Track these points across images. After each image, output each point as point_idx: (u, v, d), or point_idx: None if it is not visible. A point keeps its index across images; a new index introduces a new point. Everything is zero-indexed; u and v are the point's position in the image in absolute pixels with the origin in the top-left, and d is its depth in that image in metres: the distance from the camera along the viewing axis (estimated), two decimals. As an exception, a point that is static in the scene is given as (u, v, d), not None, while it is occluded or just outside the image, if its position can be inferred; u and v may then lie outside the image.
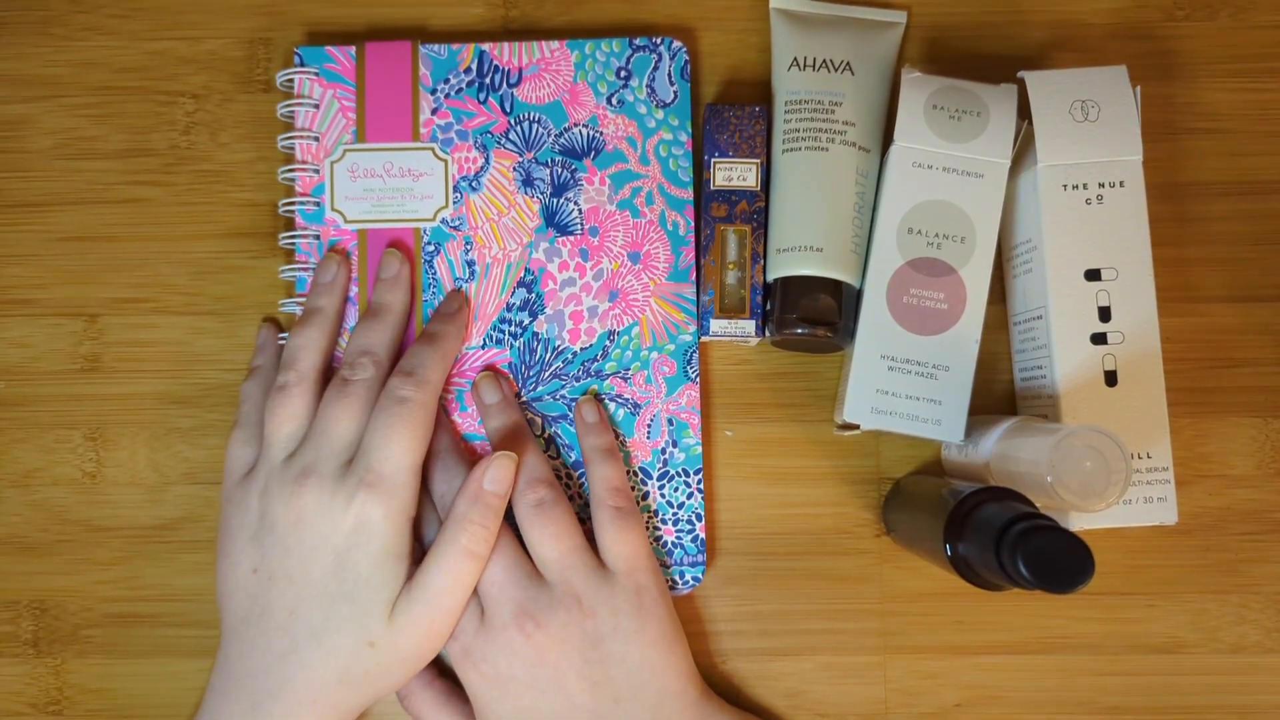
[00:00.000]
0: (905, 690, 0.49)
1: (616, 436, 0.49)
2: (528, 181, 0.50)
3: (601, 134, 0.50)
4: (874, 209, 0.47)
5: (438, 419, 0.47)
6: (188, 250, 0.52)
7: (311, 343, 0.47)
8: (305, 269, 0.49)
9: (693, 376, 0.49)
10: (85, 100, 0.52)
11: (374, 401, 0.45)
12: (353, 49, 0.50)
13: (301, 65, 0.50)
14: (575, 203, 0.49)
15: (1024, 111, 0.46)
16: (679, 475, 0.49)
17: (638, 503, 0.48)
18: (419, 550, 0.45)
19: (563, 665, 0.43)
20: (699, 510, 0.48)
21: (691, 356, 0.49)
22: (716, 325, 0.48)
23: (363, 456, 0.44)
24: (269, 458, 0.45)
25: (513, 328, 0.49)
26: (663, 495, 0.48)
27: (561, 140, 0.50)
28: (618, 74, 0.50)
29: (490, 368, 0.49)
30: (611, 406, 0.49)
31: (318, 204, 0.50)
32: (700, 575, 0.48)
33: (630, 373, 0.49)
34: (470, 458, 0.48)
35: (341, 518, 0.43)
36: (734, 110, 0.49)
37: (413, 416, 0.44)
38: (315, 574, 0.43)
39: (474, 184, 0.50)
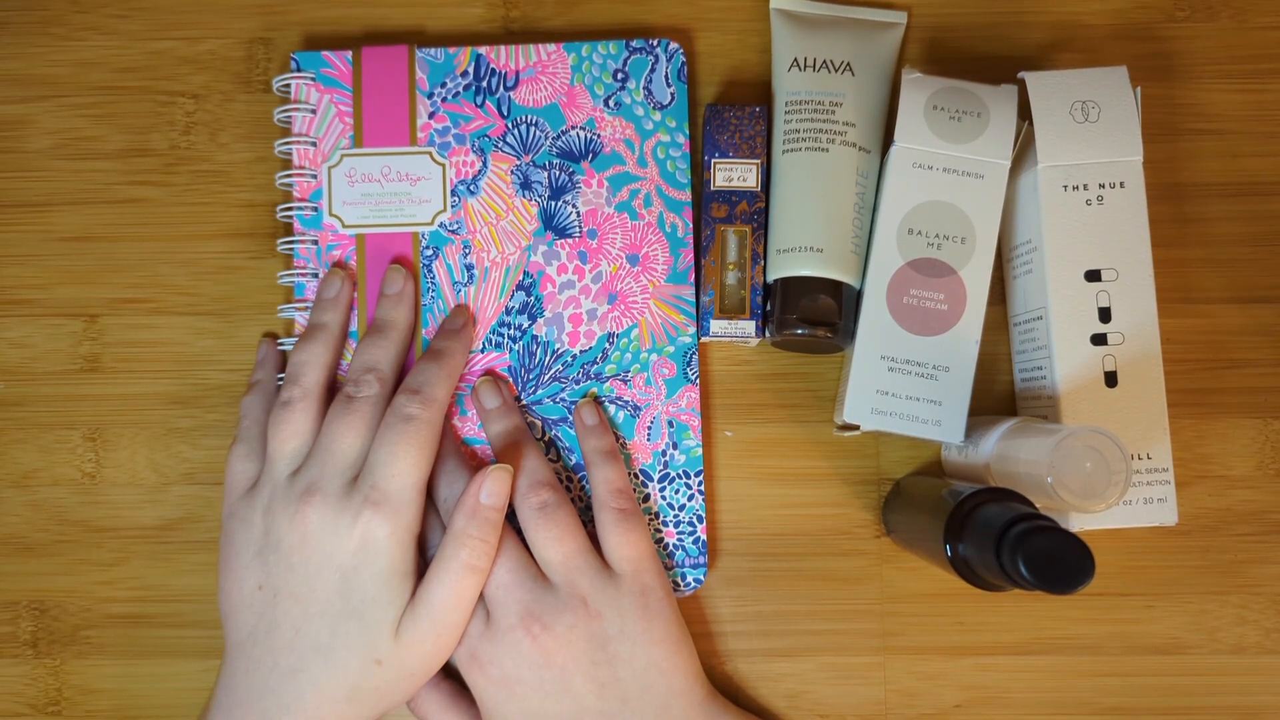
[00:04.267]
0: (905, 691, 0.49)
1: (617, 438, 0.49)
2: (525, 184, 0.50)
3: (599, 136, 0.50)
4: (874, 209, 0.47)
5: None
6: (187, 250, 0.52)
7: (315, 358, 0.47)
8: (304, 274, 0.49)
9: (692, 378, 0.49)
10: (85, 100, 0.52)
11: (379, 418, 0.45)
12: (349, 54, 0.50)
13: (298, 70, 0.50)
14: (573, 205, 0.49)
15: (1024, 112, 0.46)
16: (680, 477, 0.49)
17: (639, 504, 0.48)
18: (421, 563, 0.45)
19: (569, 667, 0.43)
20: (700, 512, 0.48)
21: (691, 358, 0.49)
22: (716, 326, 0.48)
23: (368, 474, 0.44)
24: (273, 474, 0.45)
25: (512, 331, 0.49)
26: (664, 497, 0.48)
27: (559, 143, 0.50)
28: (614, 76, 0.50)
29: (490, 372, 0.49)
30: (611, 409, 0.49)
31: (316, 209, 0.50)
32: (702, 577, 0.48)
33: (630, 375, 0.49)
34: (472, 462, 0.48)
35: (347, 536, 0.43)
36: (734, 111, 0.49)
37: (419, 435, 0.44)
38: (321, 592, 0.43)
39: (472, 188, 0.50)
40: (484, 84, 0.50)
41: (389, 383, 0.46)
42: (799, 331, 0.46)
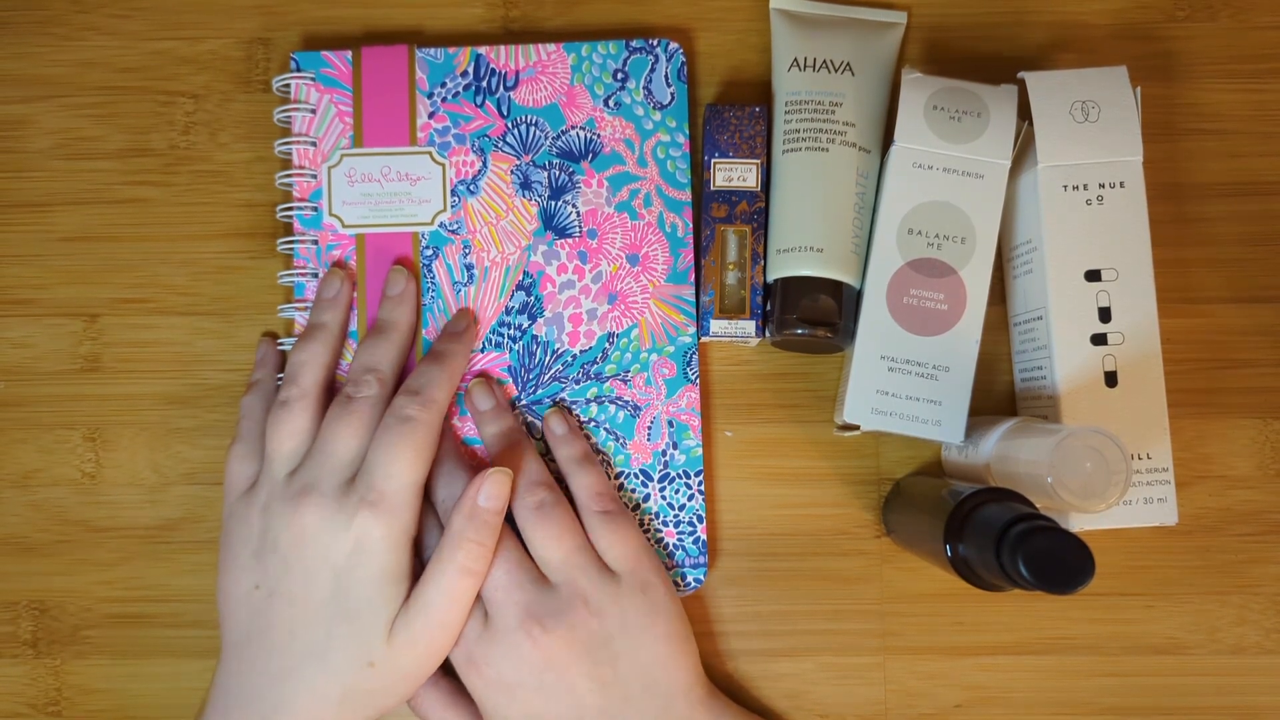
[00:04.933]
0: (905, 691, 0.49)
1: (616, 438, 0.49)
2: (525, 184, 0.49)
3: (599, 136, 0.50)
4: (874, 209, 0.47)
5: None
6: (187, 250, 0.52)
7: (314, 358, 0.47)
8: (304, 274, 0.49)
9: (692, 378, 0.49)
10: (85, 100, 0.52)
11: (378, 419, 0.45)
12: (349, 54, 0.50)
13: (298, 70, 0.50)
14: (573, 205, 0.49)
15: (1024, 112, 0.46)
16: (680, 477, 0.48)
17: (639, 505, 0.48)
18: (418, 565, 0.45)
19: (571, 668, 0.43)
20: (700, 512, 0.48)
21: (691, 358, 0.49)
22: (716, 326, 0.48)
23: (365, 475, 0.44)
24: (270, 474, 0.45)
25: (512, 331, 0.49)
26: (664, 497, 0.48)
27: (559, 143, 0.50)
28: (614, 76, 0.50)
29: (483, 373, 0.49)
30: (611, 409, 0.49)
31: (315, 209, 0.50)
32: (702, 577, 0.48)
33: (630, 375, 0.49)
34: (471, 463, 0.48)
35: (343, 536, 0.43)
36: (734, 111, 0.49)
37: (417, 436, 0.44)
38: (316, 593, 0.43)
39: (472, 187, 0.50)
40: (484, 84, 0.50)
41: (389, 384, 0.46)
42: (799, 331, 0.46)
